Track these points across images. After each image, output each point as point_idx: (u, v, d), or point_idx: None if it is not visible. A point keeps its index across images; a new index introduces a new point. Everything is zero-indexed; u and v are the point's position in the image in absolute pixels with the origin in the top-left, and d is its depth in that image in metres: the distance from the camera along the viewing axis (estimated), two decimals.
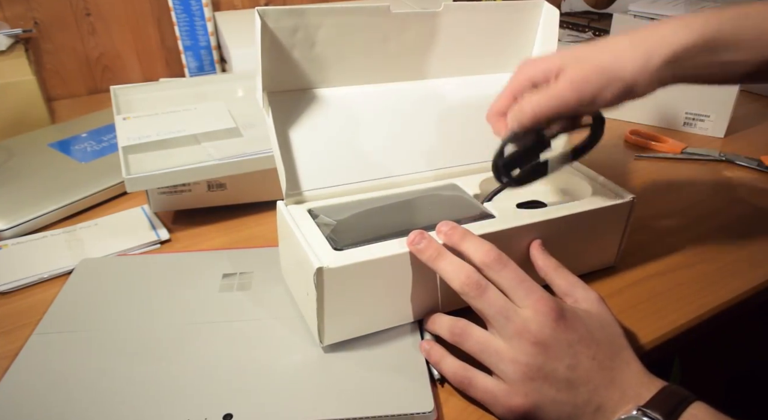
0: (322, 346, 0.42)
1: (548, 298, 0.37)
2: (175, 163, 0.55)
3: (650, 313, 0.48)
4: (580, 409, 0.35)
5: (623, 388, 0.36)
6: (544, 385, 0.36)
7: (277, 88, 0.46)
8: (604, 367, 0.36)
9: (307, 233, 0.42)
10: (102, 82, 0.97)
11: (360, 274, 0.40)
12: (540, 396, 0.36)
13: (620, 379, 0.36)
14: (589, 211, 0.47)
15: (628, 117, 0.85)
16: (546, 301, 0.37)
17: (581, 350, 0.36)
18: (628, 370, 0.37)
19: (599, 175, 0.52)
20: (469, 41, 0.53)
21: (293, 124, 0.47)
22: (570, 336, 0.36)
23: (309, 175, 0.47)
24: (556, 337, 0.36)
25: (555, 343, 0.36)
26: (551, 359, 0.36)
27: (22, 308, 0.48)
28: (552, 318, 0.36)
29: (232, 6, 1.02)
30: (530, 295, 0.37)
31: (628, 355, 0.38)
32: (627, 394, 0.35)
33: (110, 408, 0.37)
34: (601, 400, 0.35)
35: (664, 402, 0.34)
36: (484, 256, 0.39)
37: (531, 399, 0.36)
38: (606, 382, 0.36)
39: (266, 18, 0.42)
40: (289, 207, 0.46)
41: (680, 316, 0.47)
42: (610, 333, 0.38)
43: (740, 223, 0.60)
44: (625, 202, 0.48)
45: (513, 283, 0.38)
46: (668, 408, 0.34)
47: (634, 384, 0.36)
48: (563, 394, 0.36)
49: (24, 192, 0.61)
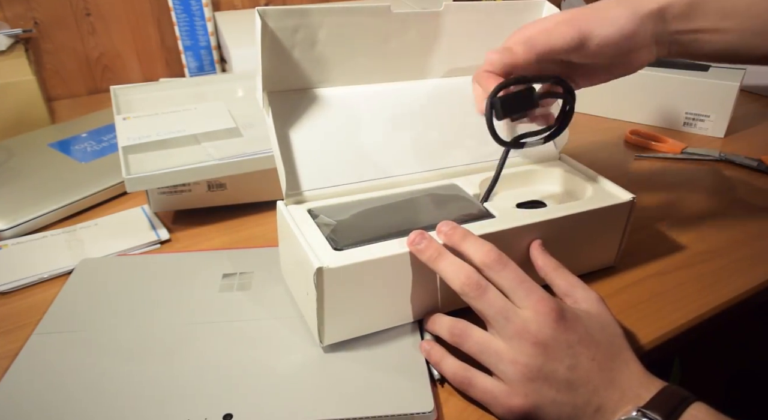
0: (322, 346, 0.42)
1: (548, 299, 0.37)
2: (175, 163, 0.55)
3: (650, 313, 0.48)
4: (580, 410, 0.35)
5: (623, 388, 0.36)
6: (543, 385, 0.36)
7: (277, 87, 0.46)
8: (603, 367, 0.36)
9: (307, 233, 0.42)
10: (102, 82, 0.97)
11: (360, 274, 0.40)
12: (540, 396, 0.36)
13: (620, 379, 0.36)
14: (589, 211, 0.47)
15: (628, 117, 0.85)
16: (546, 302, 0.37)
17: (581, 351, 0.36)
18: (627, 370, 0.37)
19: (599, 175, 0.52)
20: (470, 41, 0.52)
21: (293, 124, 0.47)
22: (570, 337, 0.36)
23: (309, 175, 0.47)
24: (555, 337, 0.36)
25: (555, 344, 0.36)
26: (551, 360, 0.36)
27: (22, 308, 0.48)
28: (552, 318, 0.36)
29: (232, 6, 1.02)
30: (530, 296, 0.37)
31: (628, 355, 0.38)
32: (627, 395, 0.35)
33: (110, 408, 0.37)
34: (601, 400, 0.35)
35: (664, 403, 0.34)
36: (484, 256, 0.39)
37: (531, 399, 0.36)
38: (606, 382, 0.36)
39: (267, 18, 0.42)
40: (289, 207, 0.46)
41: (680, 316, 0.47)
42: (609, 333, 0.38)
43: (740, 223, 0.60)
44: (625, 202, 0.48)
45: (513, 284, 0.38)
46: (668, 409, 0.34)
47: (633, 384, 0.36)
48: (563, 395, 0.36)
49: (24, 192, 0.61)
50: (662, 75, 0.80)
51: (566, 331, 0.36)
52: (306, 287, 0.41)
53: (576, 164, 0.54)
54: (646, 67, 0.83)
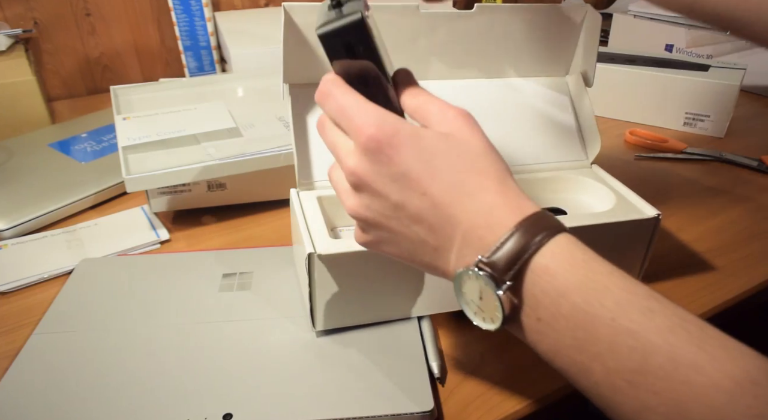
0: (316, 334, 0.43)
1: (366, 126, 0.31)
2: (175, 163, 0.55)
3: None
4: (418, 248, 0.32)
5: (464, 228, 0.30)
6: (375, 225, 0.33)
7: (299, 80, 0.47)
8: (438, 203, 0.30)
9: (310, 220, 0.43)
10: (102, 82, 0.97)
11: (353, 263, 0.40)
12: (376, 236, 0.33)
13: (459, 216, 0.30)
14: (608, 224, 0.44)
15: (628, 117, 0.85)
16: (362, 130, 0.31)
17: (408, 184, 0.30)
18: (471, 203, 0.30)
19: (627, 188, 0.49)
20: (504, 43, 0.51)
21: (311, 115, 0.48)
22: (392, 169, 0.30)
23: (322, 166, 0.48)
24: (374, 171, 0.31)
25: (374, 178, 0.31)
26: (375, 197, 0.32)
27: (22, 308, 0.48)
28: (366, 149, 0.31)
29: (232, 6, 1.02)
30: (350, 125, 0.32)
31: (477, 183, 0.30)
32: (468, 237, 0.30)
33: (110, 408, 0.37)
34: (438, 241, 0.31)
35: (507, 254, 0.28)
36: (317, 93, 0.34)
37: (370, 237, 0.34)
38: (441, 221, 0.30)
39: (293, 14, 0.43)
40: (300, 193, 0.47)
41: None
42: (460, 159, 0.31)
43: (740, 223, 0.60)
44: (648, 218, 0.45)
45: (336, 114, 0.33)
46: (507, 260, 0.28)
47: (478, 223, 0.29)
48: (397, 233, 0.32)
49: (24, 192, 0.61)
50: (662, 75, 0.80)
51: (388, 163, 0.30)
52: (302, 271, 0.42)
53: (605, 175, 0.52)
54: (646, 67, 0.83)
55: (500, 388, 0.41)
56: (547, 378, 0.42)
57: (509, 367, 0.43)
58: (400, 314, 0.44)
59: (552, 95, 0.55)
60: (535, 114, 0.54)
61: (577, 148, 0.54)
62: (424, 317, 0.45)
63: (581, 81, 0.54)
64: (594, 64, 0.52)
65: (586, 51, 0.53)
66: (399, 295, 0.43)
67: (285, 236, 0.56)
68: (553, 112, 0.54)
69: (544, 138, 0.53)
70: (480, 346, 0.44)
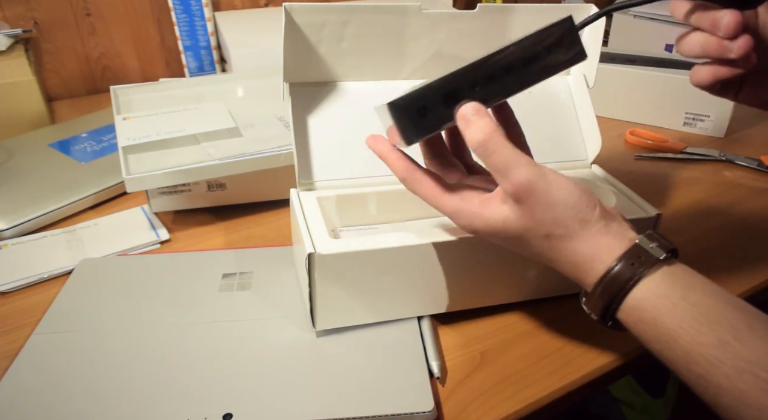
0: (316, 334, 0.43)
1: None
2: (175, 163, 0.55)
3: None
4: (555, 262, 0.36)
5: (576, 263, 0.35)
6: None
7: (299, 79, 0.47)
8: (552, 247, 0.35)
9: (309, 219, 0.43)
10: (102, 82, 0.97)
11: (353, 264, 0.40)
12: None
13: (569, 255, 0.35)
14: None
15: (628, 117, 0.85)
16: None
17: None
18: (568, 248, 0.35)
19: (628, 187, 0.49)
20: (505, 43, 0.51)
21: (312, 115, 0.48)
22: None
23: (322, 166, 0.47)
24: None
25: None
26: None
27: (22, 308, 0.48)
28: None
29: (232, 6, 1.02)
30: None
31: (568, 231, 0.35)
32: (580, 268, 0.35)
33: (110, 408, 0.37)
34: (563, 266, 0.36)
35: (607, 286, 0.34)
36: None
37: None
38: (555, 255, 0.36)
39: (293, 14, 0.43)
40: (300, 193, 0.47)
41: None
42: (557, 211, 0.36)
43: (740, 223, 0.60)
44: (648, 217, 0.46)
45: None
46: (606, 300, 0.34)
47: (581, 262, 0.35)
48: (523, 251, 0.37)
49: (24, 192, 0.61)
50: (662, 75, 0.80)
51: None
52: (302, 271, 0.42)
53: (605, 174, 0.53)
54: (646, 67, 0.83)
55: (500, 388, 0.41)
56: (547, 378, 0.42)
57: (509, 367, 0.43)
58: (400, 314, 0.44)
59: (552, 95, 0.55)
60: (535, 114, 0.53)
61: (578, 147, 0.54)
62: (424, 317, 0.45)
63: (582, 81, 0.54)
64: (595, 64, 0.52)
65: (588, 53, 0.53)
66: (399, 295, 0.43)
67: (285, 236, 0.56)
68: (554, 112, 0.54)
69: (544, 138, 0.53)
70: (480, 346, 0.44)
